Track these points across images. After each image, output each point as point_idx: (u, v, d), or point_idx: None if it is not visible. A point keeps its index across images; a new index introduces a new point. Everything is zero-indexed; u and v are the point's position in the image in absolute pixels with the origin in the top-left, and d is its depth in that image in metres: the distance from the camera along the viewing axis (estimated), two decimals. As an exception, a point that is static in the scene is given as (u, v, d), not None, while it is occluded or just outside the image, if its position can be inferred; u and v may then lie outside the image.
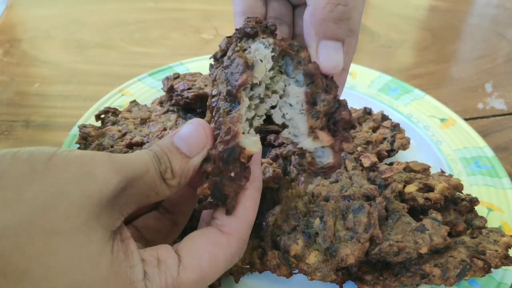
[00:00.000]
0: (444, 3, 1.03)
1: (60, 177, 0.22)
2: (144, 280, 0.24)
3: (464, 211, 0.41)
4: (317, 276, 0.35)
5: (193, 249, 0.27)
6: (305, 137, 0.31)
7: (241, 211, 0.28)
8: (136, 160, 0.26)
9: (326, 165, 0.31)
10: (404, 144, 0.50)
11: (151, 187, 0.26)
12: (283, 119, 0.32)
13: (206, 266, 0.26)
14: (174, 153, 0.28)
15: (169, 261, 0.26)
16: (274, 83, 0.32)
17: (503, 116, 0.66)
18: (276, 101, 0.32)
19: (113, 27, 0.85)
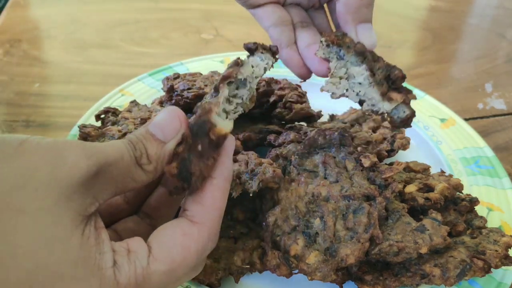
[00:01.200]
0: (444, 3, 1.03)
1: (29, 160, 0.23)
2: (113, 268, 0.24)
3: (464, 211, 0.41)
4: (317, 276, 0.35)
5: (164, 240, 0.27)
6: (381, 103, 0.38)
7: (210, 201, 0.28)
8: (109, 147, 0.26)
9: (405, 117, 0.38)
10: (404, 144, 0.50)
11: (127, 174, 0.26)
12: (358, 97, 0.38)
13: (177, 257, 0.26)
14: (149, 139, 0.28)
15: (139, 252, 0.26)
16: (338, 73, 0.39)
17: (503, 116, 0.66)
18: (346, 86, 0.38)
19: (113, 27, 0.85)
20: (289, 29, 0.43)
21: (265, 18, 0.44)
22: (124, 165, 0.26)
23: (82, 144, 0.25)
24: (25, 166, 0.23)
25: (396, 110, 0.38)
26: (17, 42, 0.78)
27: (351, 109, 0.56)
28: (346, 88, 0.39)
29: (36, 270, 0.22)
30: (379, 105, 0.38)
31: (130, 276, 0.25)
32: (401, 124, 0.38)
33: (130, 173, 0.27)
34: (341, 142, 0.42)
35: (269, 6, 0.44)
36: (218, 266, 0.37)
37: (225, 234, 0.40)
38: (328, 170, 0.40)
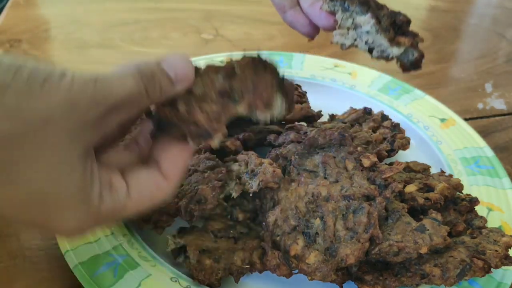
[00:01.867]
0: (444, 3, 1.03)
1: (50, 102, 0.25)
2: (99, 198, 0.28)
3: (464, 211, 0.41)
4: (317, 276, 0.35)
5: (139, 183, 0.30)
6: (390, 48, 0.39)
7: (183, 164, 0.32)
8: (119, 87, 0.28)
9: (414, 60, 0.40)
10: (404, 144, 0.50)
11: (132, 108, 0.29)
12: (366, 45, 0.40)
13: (145, 202, 0.31)
14: (163, 76, 0.30)
15: (120, 189, 0.29)
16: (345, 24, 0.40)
17: (503, 116, 0.66)
18: (355, 36, 0.40)
19: (113, 27, 0.85)
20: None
21: None
22: (132, 99, 0.28)
23: (95, 85, 0.26)
24: (49, 105, 0.25)
25: (405, 54, 0.40)
26: (17, 42, 0.78)
27: (351, 109, 0.56)
28: (354, 38, 0.40)
29: (40, 194, 0.26)
30: (388, 51, 0.40)
31: (109, 208, 0.29)
32: (411, 67, 0.40)
33: (138, 104, 0.29)
34: (341, 142, 0.42)
35: None
36: (218, 266, 0.37)
37: (225, 234, 0.40)
38: (328, 170, 0.40)
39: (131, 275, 0.37)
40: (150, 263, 0.38)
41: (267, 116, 0.35)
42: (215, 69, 0.35)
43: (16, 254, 0.40)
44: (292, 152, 0.43)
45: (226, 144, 0.44)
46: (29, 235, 0.42)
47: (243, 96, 0.34)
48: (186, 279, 0.37)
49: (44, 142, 0.25)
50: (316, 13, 0.42)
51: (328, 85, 0.64)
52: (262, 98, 0.34)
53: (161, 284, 0.37)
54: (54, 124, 0.25)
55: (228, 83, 0.34)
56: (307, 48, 0.80)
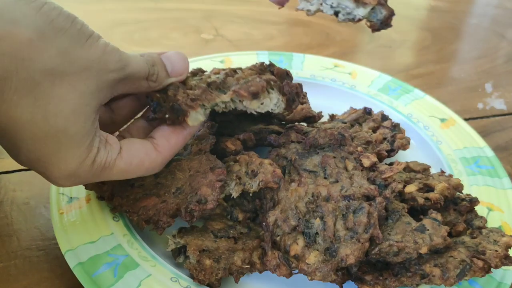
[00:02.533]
0: (444, 3, 1.03)
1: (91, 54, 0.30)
2: (97, 147, 0.32)
3: (464, 211, 0.41)
4: (317, 276, 0.35)
5: (132, 148, 0.35)
6: (356, 9, 0.39)
7: (174, 141, 0.37)
8: (135, 63, 0.33)
9: (383, 18, 0.39)
10: (404, 144, 0.50)
11: (137, 83, 0.34)
12: (332, 9, 0.40)
13: (133, 164, 0.34)
14: (162, 67, 0.36)
15: (114, 147, 0.34)
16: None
17: (503, 116, 0.66)
18: (320, 1, 0.40)
19: (113, 27, 0.85)
20: None
21: None
22: (139, 77, 0.34)
23: (120, 56, 0.32)
24: (89, 57, 0.30)
25: (374, 13, 0.39)
26: (17, 42, 0.78)
27: (351, 109, 0.56)
28: (320, 2, 0.40)
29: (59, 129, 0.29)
30: (354, 12, 0.39)
31: (102, 160, 0.32)
32: (382, 26, 0.39)
33: (139, 83, 0.35)
34: (341, 142, 0.42)
35: None
36: (218, 266, 0.37)
37: (225, 234, 0.40)
38: (328, 170, 0.40)
39: (131, 275, 0.37)
40: (150, 263, 0.38)
41: (256, 107, 0.38)
42: (219, 69, 0.40)
43: (16, 254, 0.40)
44: (292, 152, 0.43)
45: (226, 144, 0.44)
46: (29, 235, 0.42)
47: (230, 88, 0.37)
48: (186, 279, 0.37)
49: (78, 85, 0.29)
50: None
51: (328, 85, 0.64)
52: (248, 89, 0.37)
53: (161, 284, 0.37)
54: (89, 74, 0.30)
55: (222, 79, 0.38)
56: (307, 48, 0.80)
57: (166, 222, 0.39)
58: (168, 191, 0.39)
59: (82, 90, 0.30)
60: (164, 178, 0.40)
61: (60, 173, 0.32)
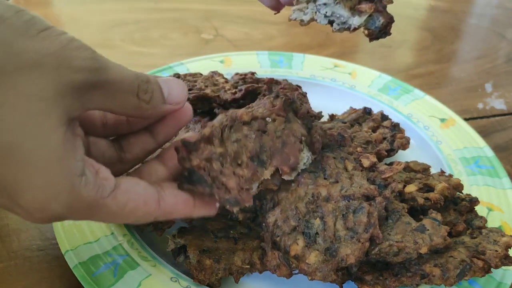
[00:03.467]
0: (444, 3, 1.03)
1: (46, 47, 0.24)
2: (81, 178, 0.25)
3: (464, 211, 0.41)
4: (317, 276, 0.35)
5: (132, 190, 0.28)
6: (351, 18, 0.37)
7: (181, 207, 0.31)
8: (117, 68, 0.27)
9: (381, 26, 0.37)
10: (404, 144, 0.50)
11: (121, 98, 0.28)
12: (327, 18, 0.38)
13: (127, 208, 0.28)
14: (158, 88, 0.30)
15: (107, 181, 0.27)
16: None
17: (503, 116, 0.66)
18: (314, 10, 0.38)
19: (113, 27, 0.85)
20: None
21: None
22: (124, 89, 0.27)
23: (93, 54, 0.26)
24: (41, 51, 0.24)
25: (372, 21, 0.37)
26: (17, 42, 0.78)
27: (351, 109, 0.56)
28: (314, 12, 0.38)
29: (10, 148, 0.23)
30: (349, 21, 0.37)
31: (90, 195, 0.26)
32: (380, 34, 0.38)
33: (126, 98, 0.28)
34: (341, 143, 0.42)
35: None
36: (218, 266, 0.37)
37: (225, 234, 0.40)
38: (327, 170, 0.40)
39: (131, 275, 0.37)
40: (150, 263, 0.38)
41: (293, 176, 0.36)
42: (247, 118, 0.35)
43: (16, 254, 0.40)
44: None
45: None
46: (29, 235, 0.42)
47: (271, 158, 0.34)
48: (186, 279, 0.37)
49: (24, 86, 0.23)
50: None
51: (328, 85, 0.64)
52: (288, 162, 0.35)
53: (161, 284, 0.37)
54: (42, 71, 0.23)
55: (259, 142, 0.34)
56: (307, 48, 0.80)
57: (166, 223, 0.39)
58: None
59: (31, 93, 0.23)
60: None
61: (29, 206, 0.25)
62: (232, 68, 0.64)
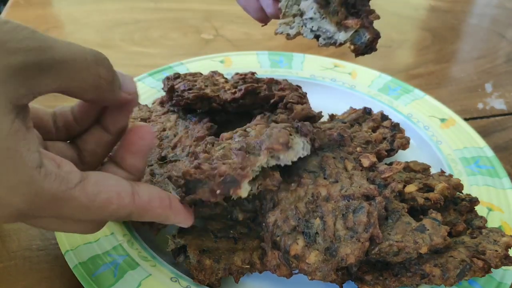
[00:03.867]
0: (444, 3, 1.03)
1: None
2: (39, 170, 0.23)
3: (464, 211, 0.41)
4: (317, 276, 0.35)
5: (103, 181, 0.26)
6: (337, 33, 0.36)
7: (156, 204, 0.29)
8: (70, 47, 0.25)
9: (367, 41, 0.36)
10: (404, 143, 0.50)
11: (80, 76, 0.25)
12: (313, 33, 0.37)
13: (98, 200, 0.26)
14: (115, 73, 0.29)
15: (71, 172, 0.25)
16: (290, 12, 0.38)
17: (503, 116, 0.66)
18: (300, 24, 0.37)
19: (113, 27, 0.85)
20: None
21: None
22: (78, 67, 0.25)
23: (31, 34, 0.23)
24: None
25: (357, 36, 0.36)
26: (17, 42, 0.78)
27: (351, 109, 0.56)
28: (300, 25, 0.37)
29: None
30: (335, 36, 0.36)
31: (52, 187, 0.24)
32: (366, 50, 0.37)
33: (82, 76, 0.25)
34: (340, 143, 0.42)
35: None
36: (218, 266, 0.37)
37: (225, 234, 0.40)
38: (327, 170, 0.40)
39: (131, 275, 0.37)
40: (150, 263, 0.38)
41: (293, 157, 0.36)
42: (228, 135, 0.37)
43: (16, 254, 0.40)
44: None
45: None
46: (29, 235, 0.42)
47: (260, 148, 0.35)
48: (186, 279, 0.37)
49: None
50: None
51: (328, 85, 0.64)
52: (278, 141, 0.35)
53: (161, 284, 0.37)
54: None
55: (244, 142, 0.35)
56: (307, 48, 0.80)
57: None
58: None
59: None
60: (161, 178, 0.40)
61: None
62: (232, 68, 0.64)
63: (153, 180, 0.42)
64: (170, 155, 0.45)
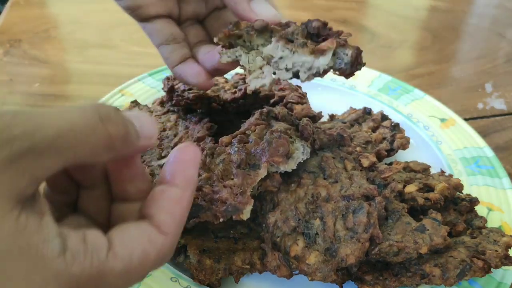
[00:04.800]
0: (444, 3, 1.03)
1: None
2: (64, 256, 0.21)
3: (464, 211, 0.41)
4: (317, 277, 0.35)
5: (127, 239, 0.24)
6: (316, 61, 0.33)
7: (179, 212, 0.26)
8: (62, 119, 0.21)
9: (351, 59, 0.33)
10: (403, 143, 0.50)
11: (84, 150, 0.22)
12: (290, 71, 0.34)
13: (136, 260, 0.23)
14: (130, 123, 0.24)
15: (98, 243, 0.22)
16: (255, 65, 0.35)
17: (503, 116, 0.66)
18: (272, 70, 0.34)
19: (113, 27, 0.85)
20: (182, 46, 0.41)
21: (155, 35, 0.41)
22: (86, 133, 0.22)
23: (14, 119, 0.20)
24: None
25: (339, 60, 0.33)
26: (17, 42, 0.78)
27: (350, 109, 0.56)
28: (272, 72, 0.34)
29: None
30: (315, 64, 0.33)
31: (85, 268, 0.21)
32: (353, 69, 0.34)
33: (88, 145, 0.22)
34: (340, 143, 0.42)
35: (160, 21, 0.41)
36: (218, 266, 0.37)
37: (225, 234, 0.40)
38: (327, 170, 0.40)
39: (131, 275, 0.37)
40: (150, 263, 0.38)
41: (293, 165, 0.36)
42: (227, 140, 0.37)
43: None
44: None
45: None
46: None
47: (260, 158, 0.35)
48: (186, 279, 0.37)
49: None
50: (214, 62, 0.37)
51: (328, 85, 0.64)
52: (278, 153, 0.35)
53: (161, 284, 0.37)
54: None
55: (244, 152, 0.35)
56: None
57: None
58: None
59: None
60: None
61: None
62: (232, 68, 0.64)
63: (153, 180, 0.42)
64: (170, 155, 0.45)
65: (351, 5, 0.97)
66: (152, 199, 0.26)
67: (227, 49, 0.35)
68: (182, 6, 0.42)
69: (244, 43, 0.35)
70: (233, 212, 0.33)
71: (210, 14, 0.43)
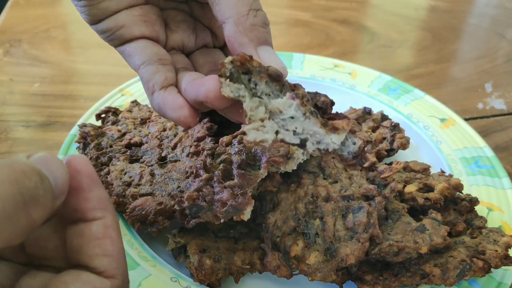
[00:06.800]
0: (444, 3, 1.03)
1: None
2: None
3: (464, 211, 0.41)
4: (317, 277, 0.35)
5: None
6: (326, 136, 0.29)
7: (117, 249, 0.23)
8: None
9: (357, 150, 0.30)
10: (403, 143, 0.50)
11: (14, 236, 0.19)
12: (297, 136, 0.29)
13: None
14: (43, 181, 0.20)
15: None
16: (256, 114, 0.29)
17: (503, 116, 0.66)
18: (275, 127, 0.29)
19: (113, 27, 0.85)
20: (168, 69, 0.34)
21: (138, 54, 0.34)
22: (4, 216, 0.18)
23: None
24: None
25: (342, 145, 0.30)
26: (17, 42, 0.78)
27: (350, 109, 0.56)
28: (275, 130, 0.29)
29: None
30: (325, 140, 0.29)
31: None
32: (354, 160, 0.30)
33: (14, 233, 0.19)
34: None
35: (144, 40, 0.35)
36: (218, 266, 0.37)
37: (225, 234, 0.40)
38: (327, 170, 0.40)
39: (131, 275, 0.37)
40: (150, 263, 0.38)
41: (294, 165, 0.36)
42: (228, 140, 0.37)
43: (16, 254, 0.40)
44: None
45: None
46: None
47: (261, 159, 0.35)
48: (186, 279, 0.37)
49: None
50: (199, 93, 0.31)
51: (328, 85, 0.64)
52: (279, 153, 0.35)
53: (161, 284, 0.37)
54: None
55: (244, 152, 0.35)
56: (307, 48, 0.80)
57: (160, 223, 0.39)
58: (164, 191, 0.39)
59: None
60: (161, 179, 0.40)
61: None
62: (232, 68, 0.64)
63: (153, 180, 0.42)
64: (170, 155, 0.45)
65: (351, 5, 0.97)
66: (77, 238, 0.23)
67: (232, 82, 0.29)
68: (169, 34, 0.37)
69: (248, 84, 0.29)
70: (234, 212, 0.33)
71: (198, 49, 0.39)
